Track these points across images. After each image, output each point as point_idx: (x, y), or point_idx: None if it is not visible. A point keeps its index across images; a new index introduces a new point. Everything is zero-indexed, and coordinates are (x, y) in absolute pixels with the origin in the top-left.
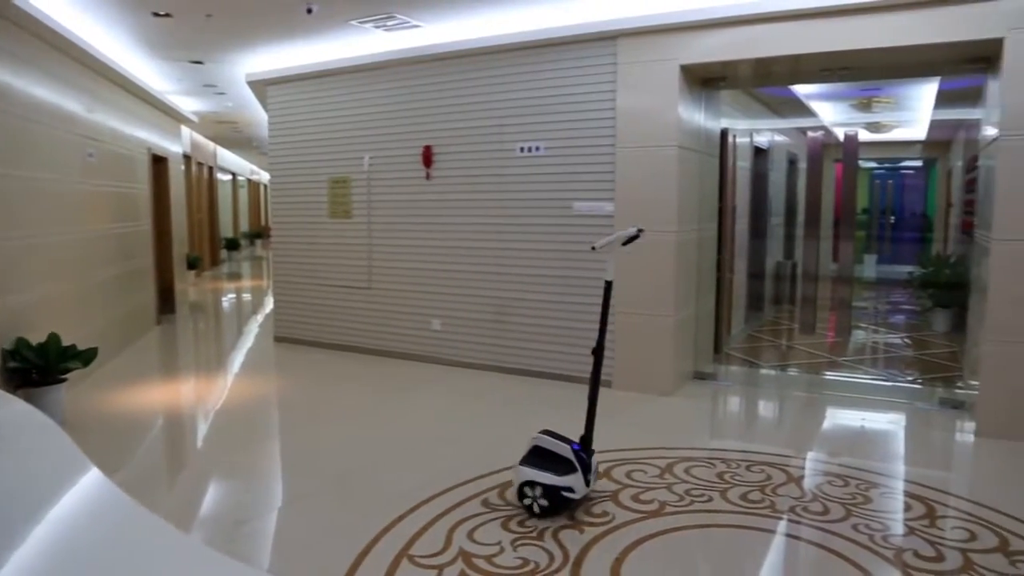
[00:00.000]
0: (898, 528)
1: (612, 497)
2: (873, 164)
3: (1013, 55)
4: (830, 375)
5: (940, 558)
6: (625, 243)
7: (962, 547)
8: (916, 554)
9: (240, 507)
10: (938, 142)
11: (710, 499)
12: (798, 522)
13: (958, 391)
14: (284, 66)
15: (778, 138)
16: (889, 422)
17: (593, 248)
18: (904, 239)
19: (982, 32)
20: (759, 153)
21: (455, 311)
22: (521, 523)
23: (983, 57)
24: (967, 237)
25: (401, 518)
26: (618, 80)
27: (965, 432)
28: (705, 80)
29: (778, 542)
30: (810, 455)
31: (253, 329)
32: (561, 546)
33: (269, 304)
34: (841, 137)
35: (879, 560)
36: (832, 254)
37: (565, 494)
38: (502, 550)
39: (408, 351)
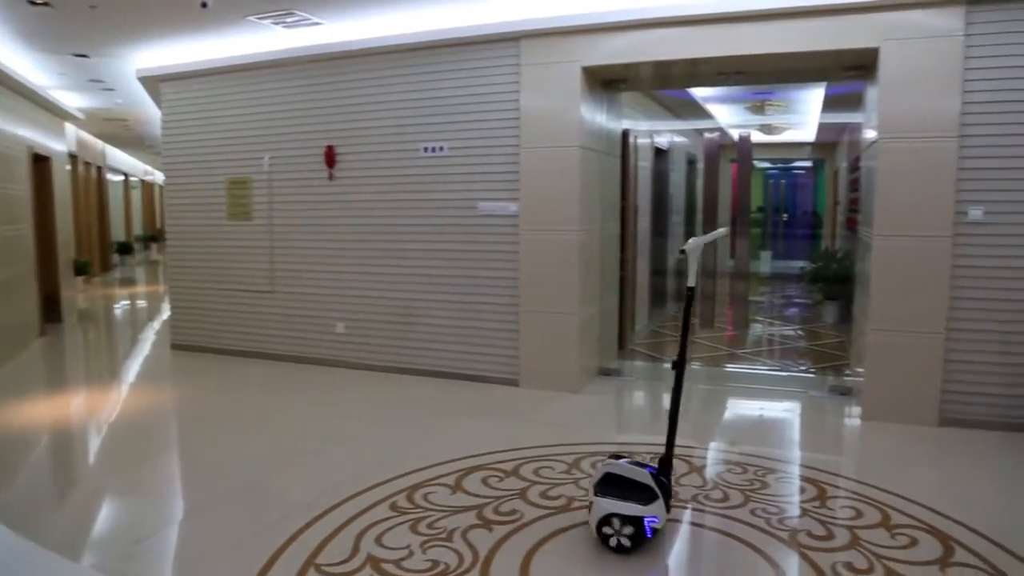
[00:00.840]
0: (793, 510)
1: (520, 495)
2: (767, 164)
3: (887, 63)
4: (730, 367)
5: (830, 536)
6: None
7: (850, 524)
8: (809, 534)
9: (137, 525)
10: (826, 144)
11: None
12: (700, 510)
13: (846, 378)
14: (178, 62)
15: (677, 139)
16: (784, 410)
17: (683, 252)
18: (796, 236)
19: (860, 41)
20: (659, 153)
21: (360, 313)
22: (430, 525)
23: (862, 65)
24: (852, 234)
25: (307, 526)
26: (521, 81)
27: (852, 417)
28: (607, 82)
29: (682, 530)
30: (711, 445)
31: (148, 337)
32: (471, 546)
33: (165, 310)
34: (736, 138)
35: (775, 542)
36: (730, 251)
37: (650, 524)
38: (411, 553)
39: (312, 355)
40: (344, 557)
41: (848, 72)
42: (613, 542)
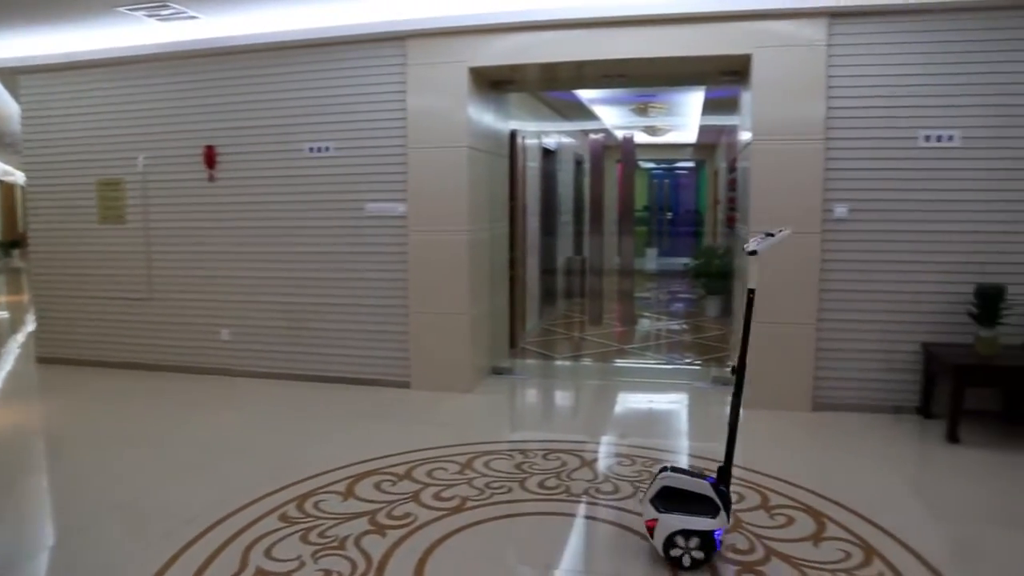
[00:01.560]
0: None
1: (413, 497)
2: (652, 165)
3: (759, 70)
4: (619, 362)
5: None
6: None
7: (733, 508)
8: None
9: (2, 554)
10: (706, 145)
11: (510, 490)
12: (592, 503)
13: (728, 369)
14: (40, 53)
15: (565, 140)
16: (671, 402)
17: (754, 252)
18: (680, 233)
19: (734, 48)
20: (547, 154)
21: (245, 319)
22: (322, 534)
23: (737, 71)
24: (732, 231)
25: (192, 543)
26: (408, 81)
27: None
28: (494, 83)
29: (575, 524)
30: (602, 439)
31: (11, 350)
32: (364, 553)
33: (31, 321)
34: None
35: None
36: (617, 249)
37: (718, 538)
38: (303, 564)
39: (195, 364)
40: (232, 572)
41: (724, 77)
42: (686, 560)
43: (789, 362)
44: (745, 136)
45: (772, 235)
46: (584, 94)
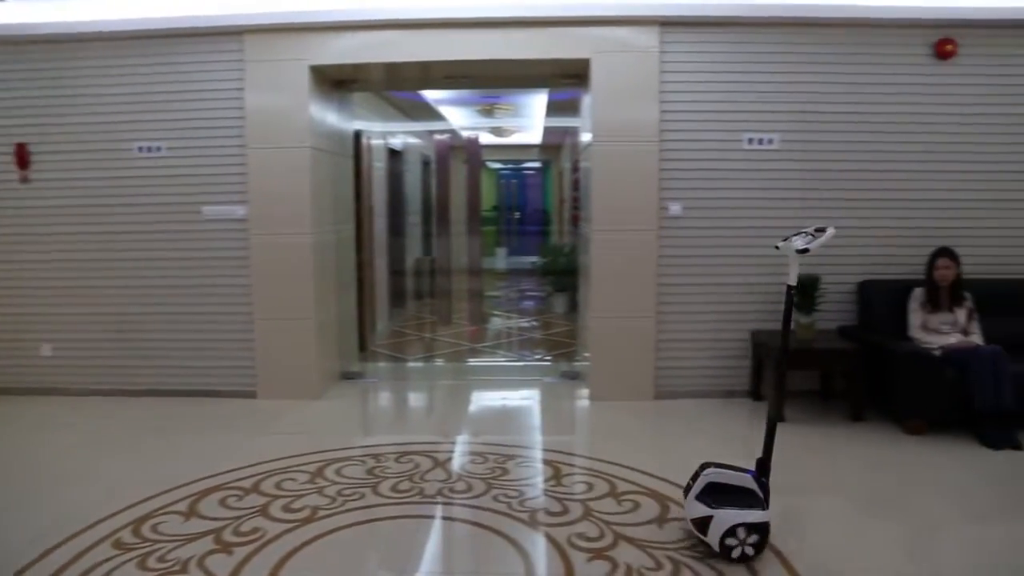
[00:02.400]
0: (531, 492)
1: (261, 511)
2: (499, 165)
3: (598, 74)
4: (472, 362)
5: (566, 511)
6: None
7: (583, 498)
8: (547, 512)
9: None
10: (552, 146)
11: (362, 496)
12: (446, 503)
13: (576, 364)
14: None
15: (412, 140)
16: (522, 398)
17: (806, 251)
18: (529, 233)
19: (574, 52)
20: (394, 154)
21: (70, 333)
22: (161, 558)
23: (577, 74)
24: (576, 229)
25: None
26: (246, 78)
27: (582, 398)
28: (337, 82)
29: (431, 526)
30: (455, 438)
31: None
32: (209, 574)
33: None
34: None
35: (518, 524)
36: (466, 249)
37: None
38: None
39: (13, 384)
40: None
41: (566, 80)
42: (737, 553)
43: (632, 354)
44: (586, 137)
45: (820, 232)
46: (430, 95)
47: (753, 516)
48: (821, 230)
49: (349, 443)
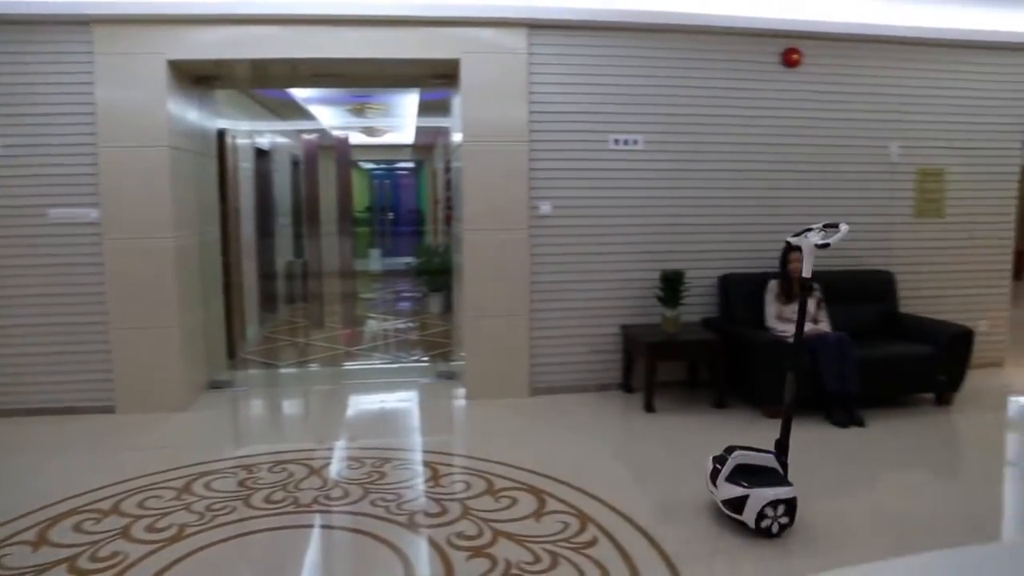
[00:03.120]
0: (409, 494)
1: (122, 534)
2: (372, 165)
3: (467, 74)
4: (348, 365)
5: (444, 512)
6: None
7: (461, 497)
8: (425, 514)
9: None
10: (424, 146)
11: (233, 509)
12: (322, 511)
13: (452, 363)
14: None
15: (280, 140)
16: (399, 400)
17: (826, 245)
18: (403, 233)
19: (443, 53)
20: (262, 154)
21: None
22: None
23: (447, 74)
24: (450, 229)
25: None
26: (96, 72)
27: (458, 398)
28: (199, 78)
29: (306, 535)
30: (331, 444)
31: None
32: None
33: None
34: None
35: (396, 527)
36: (339, 250)
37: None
38: None
39: None
40: None
41: (436, 80)
42: (775, 528)
43: (506, 353)
44: (457, 138)
45: (833, 227)
46: (299, 93)
47: (785, 492)
48: (833, 226)
49: (218, 455)
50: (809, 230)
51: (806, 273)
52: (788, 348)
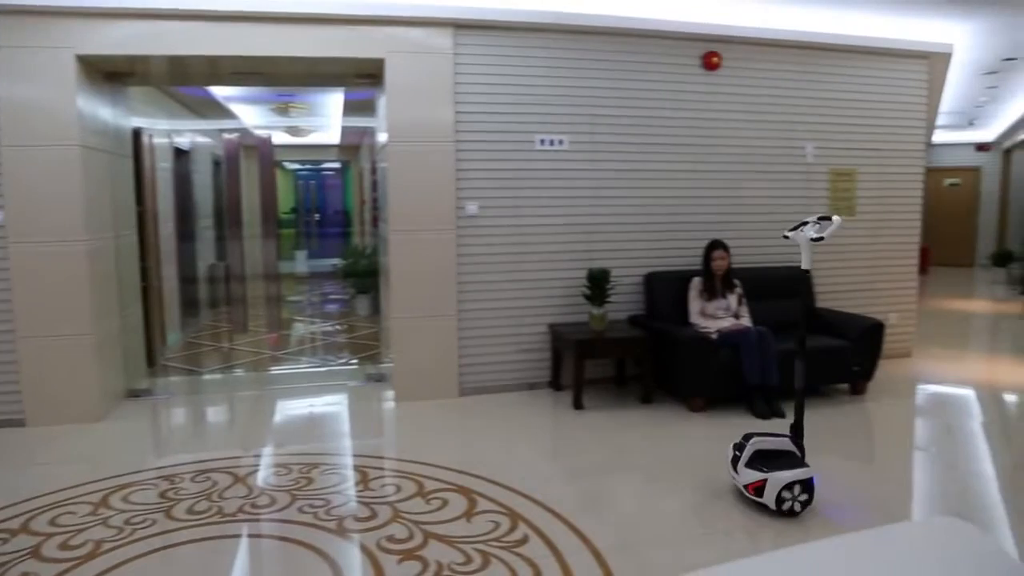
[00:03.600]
0: (338, 499)
1: (33, 553)
2: (297, 166)
3: (393, 74)
4: (275, 370)
5: (374, 516)
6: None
7: (391, 500)
8: (355, 518)
9: None
10: (350, 146)
11: (154, 522)
12: (248, 520)
13: (381, 365)
14: None
15: (201, 139)
16: (327, 404)
17: (821, 239)
18: (330, 234)
19: (368, 52)
20: (181, 154)
21: None
22: None
23: (373, 74)
24: (376, 230)
25: None
26: None
27: (387, 400)
28: (111, 74)
29: (231, 546)
30: (257, 451)
31: None
32: None
33: None
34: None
35: (325, 534)
36: (264, 253)
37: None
38: None
39: None
40: None
41: (361, 79)
42: (795, 507)
43: (435, 353)
44: (383, 138)
45: (827, 220)
46: (220, 91)
47: (802, 474)
48: (826, 219)
49: (138, 466)
50: (805, 224)
51: (805, 266)
52: (711, 343)
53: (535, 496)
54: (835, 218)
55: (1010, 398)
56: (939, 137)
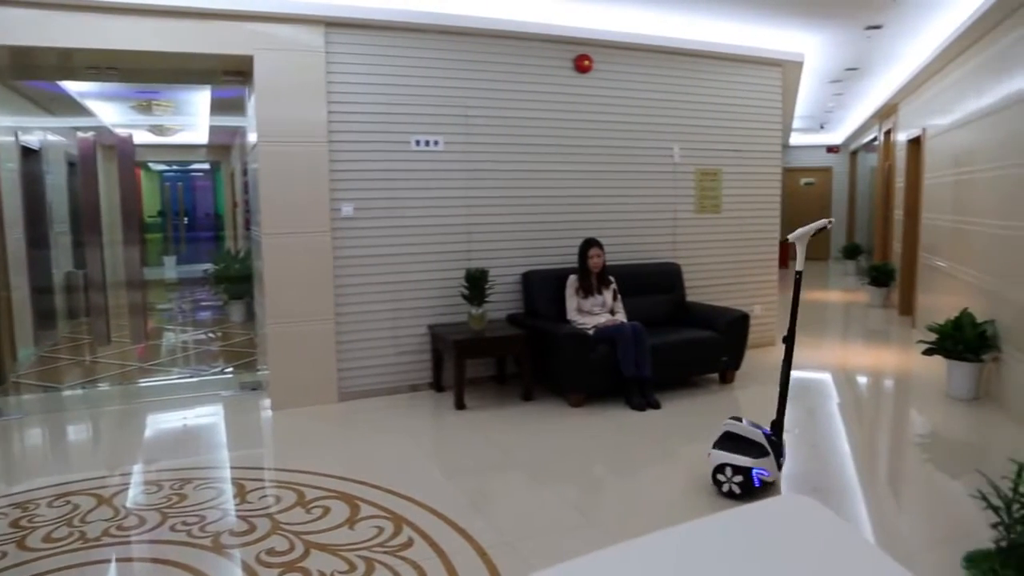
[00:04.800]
0: (213, 515)
1: None
2: (164, 167)
3: (262, 71)
4: (144, 382)
5: (252, 529)
6: (815, 234)
7: (269, 512)
8: (231, 533)
9: None
10: (220, 146)
11: (4, 555)
12: (115, 544)
13: (257, 373)
14: None
15: (54, 138)
16: (202, 416)
17: (788, 240)
18: (200, 239)
19: (235, 48)
20: (30, 154)
21: None
22: None
23: (241, 71)
24: (249, 233)
25: None
26: None
27: (264, 409)
28: None
29: (97, 571)
30: (125, 470)
31: None
32: None
33: None
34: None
35: (200, 551)
36: (127, 259)
37: (760, 476)
38: None
39: None
40: None
41: (228, 77)
42: (725, 488)
43: (313, 359)
44: (252, 138)
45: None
46: (73, 87)
47: (738, 460)
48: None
49: None
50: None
51: (798, 267)
52: (588, 339)
53: (419, 498)
54: (823, 221)
55: (861, 379)
56: (795, 139)
